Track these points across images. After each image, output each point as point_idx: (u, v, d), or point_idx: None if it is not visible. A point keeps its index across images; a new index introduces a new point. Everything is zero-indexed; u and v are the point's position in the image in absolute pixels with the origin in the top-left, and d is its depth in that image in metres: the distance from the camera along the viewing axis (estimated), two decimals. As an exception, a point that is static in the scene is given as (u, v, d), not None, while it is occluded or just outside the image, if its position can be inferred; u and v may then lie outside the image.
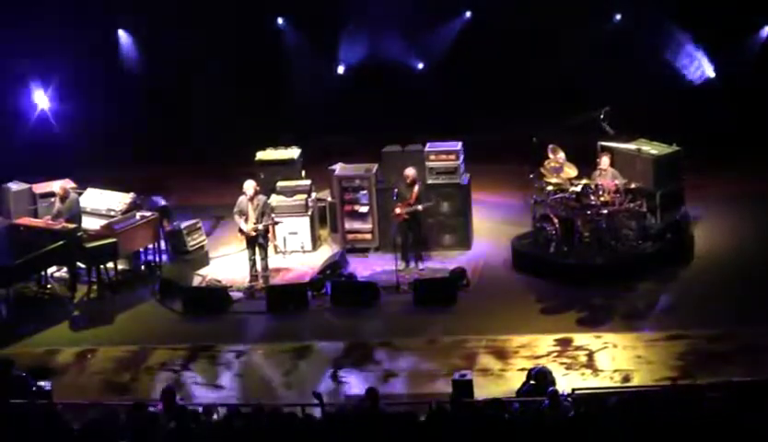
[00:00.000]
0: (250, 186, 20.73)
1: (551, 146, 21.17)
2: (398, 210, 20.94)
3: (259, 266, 20.79)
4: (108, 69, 27.78)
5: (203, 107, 27.18)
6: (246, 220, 20.60)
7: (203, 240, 22.10)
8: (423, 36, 27.58)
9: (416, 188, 20.99)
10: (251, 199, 20.65)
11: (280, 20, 28.11)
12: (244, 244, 20.90)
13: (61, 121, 26.91)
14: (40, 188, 22.59)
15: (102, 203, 21.91)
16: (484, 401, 14.45)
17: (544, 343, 18.34)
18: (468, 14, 27.67)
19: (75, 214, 21.33)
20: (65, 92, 26.98)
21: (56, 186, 21.65)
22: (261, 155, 22.89)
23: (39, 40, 26.26)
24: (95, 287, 20.85)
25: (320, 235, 22.32)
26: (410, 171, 21.05)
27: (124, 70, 27.96)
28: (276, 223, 20.97)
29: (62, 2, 26.91)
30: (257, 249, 20.72)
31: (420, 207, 20.90)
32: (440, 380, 17.27)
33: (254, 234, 20.60)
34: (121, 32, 28.03)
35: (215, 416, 14.76)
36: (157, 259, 21.64)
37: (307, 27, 27.77)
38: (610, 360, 17.77)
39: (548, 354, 17.99)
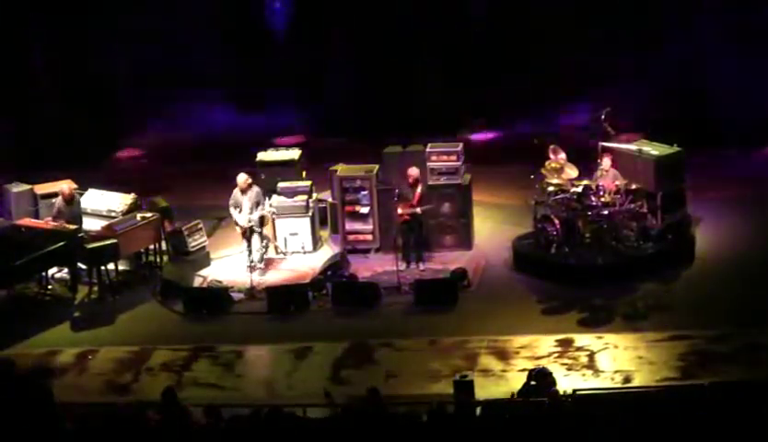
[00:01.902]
0: (242, 178, 20.89)
1: (552, 147, 21.18)
2: (400, 210, 20.93)
3: (255, 257, 20.82)
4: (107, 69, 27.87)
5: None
6: (240, 211, 20.67)
7: (205, 241, 22.10)
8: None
9: (419, 189, 20.98)
10: (245, 191, 20.75)
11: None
12: (241, 238, 20.91)
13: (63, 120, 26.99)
14: (41, 189, 22.61)
15: (103, 204, 21.93)
16: (485, 402, 14.48)
17: (545, 343, 18.34)
18: None
19: (76, 214, 21.36)
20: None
21: (64, 187, 21.58)
22: (262, 155, 22.91)
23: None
24: (96, 288, 20.86)
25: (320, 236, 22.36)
26: (413, 171, 21.04)
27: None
28: (274, 213, 21.17)
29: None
30: (253, 239, 20.74)
31: (419, 210, 20.89)
32: (441, 381, 17.27)
33: (249, 225, 20.65)
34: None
35: (215, 417, 14.74)
36: (158, 259, 21.65)
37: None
38: (612, 361, 17.77)
39: (549, 355, 17.99)
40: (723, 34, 25.10)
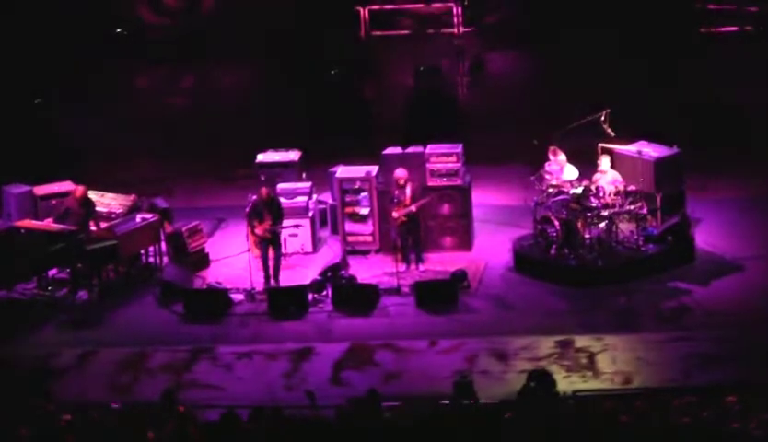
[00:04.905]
0: (265, 190, 20.82)
1: (551, 148, 21.20)
2: (395, 214, 20.92)
3: (270, 268, 20.78)
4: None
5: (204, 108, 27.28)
6: (260, 221, 20.61)
7: (204, 242, 22.09)
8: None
9: (409, 189, 20.95)
10: (268, 202, 20.70)
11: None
12: (253, 246, 20.84)
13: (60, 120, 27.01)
14: (41, 190, 22.61)
15: (103, 205, 21.93)
16: (485, 403, 14.50)
17: (545, 344, 18.35)
18: None
19: (89, 216, 21.34)
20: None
21: (78, 189, 21.53)
22: (262, 156, 22.89)
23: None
24: (95, 288, 20.86)
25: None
26: (400, 173, 20.99)
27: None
28: (298, 225, 21.22)
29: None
30: (270, 249, 20.70)
31: (413, 207, 20.87)
32: (441, 382, 17.27)
33: (269, 235, 20.60)
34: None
35: (215, 417, 14.76)
36: (158, 261, 21.65)
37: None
38: (611, 362, 17.78)
39: (549, 356, 18.00)
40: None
